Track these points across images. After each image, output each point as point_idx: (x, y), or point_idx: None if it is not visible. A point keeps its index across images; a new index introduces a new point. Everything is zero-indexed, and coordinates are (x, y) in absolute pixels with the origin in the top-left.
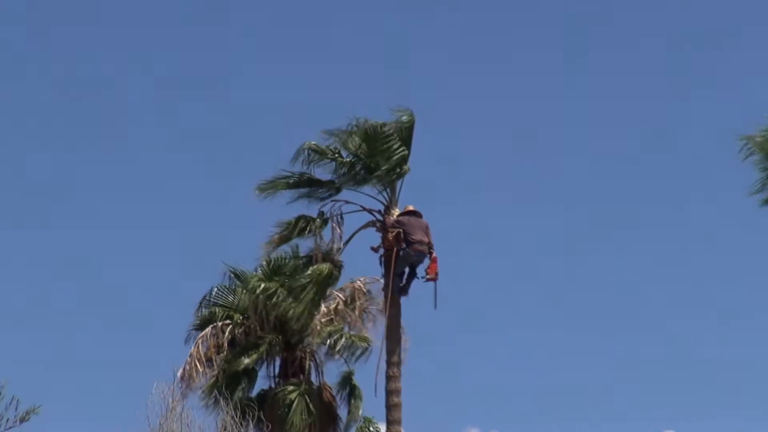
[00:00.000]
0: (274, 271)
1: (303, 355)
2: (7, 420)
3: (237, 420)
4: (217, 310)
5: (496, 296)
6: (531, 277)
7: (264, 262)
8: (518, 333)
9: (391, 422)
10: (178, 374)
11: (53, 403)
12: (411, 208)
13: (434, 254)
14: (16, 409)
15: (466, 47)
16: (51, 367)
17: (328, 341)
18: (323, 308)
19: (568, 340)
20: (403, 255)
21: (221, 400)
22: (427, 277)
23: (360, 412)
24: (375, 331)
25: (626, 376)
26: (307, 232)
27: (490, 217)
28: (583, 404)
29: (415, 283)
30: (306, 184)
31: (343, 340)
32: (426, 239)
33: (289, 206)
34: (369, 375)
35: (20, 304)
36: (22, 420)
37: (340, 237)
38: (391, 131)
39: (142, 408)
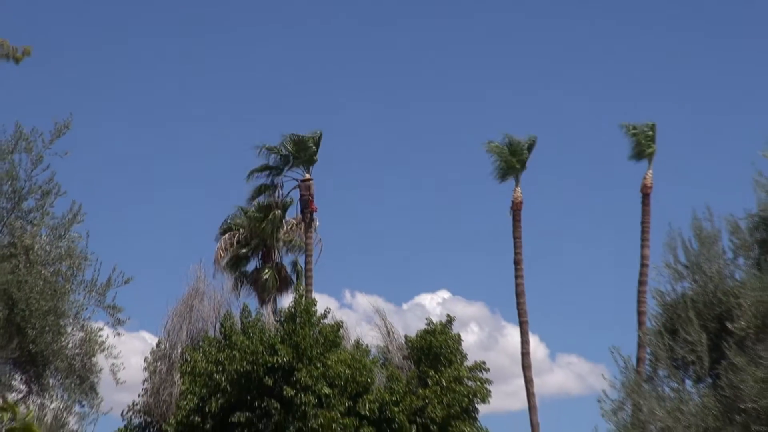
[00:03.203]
0: (259, 207)
1: (273, 249)
2: (117, 282)
3: (239, 282)
4: (232, 225)
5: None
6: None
7: (254, 205)
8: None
9: (308, 285)
10: (215, 254)
11: (133, 271)
12: (307, 176)
13: (313, 199)
14: (121, 276)
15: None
16: (133, 248)
17: (287, 244)
18: (285, 227)
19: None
20: (300, 200)
21: (231, 271)
22: (310, 210)
23: (301, 280)
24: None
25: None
26: (266, 192)
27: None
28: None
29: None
30: (265, 168)
31: (292, 243)
32: (308, 192)
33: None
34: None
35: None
36: (125, 282)
37: (282, 194)
38: (308, 140)
39: (185, 278)
